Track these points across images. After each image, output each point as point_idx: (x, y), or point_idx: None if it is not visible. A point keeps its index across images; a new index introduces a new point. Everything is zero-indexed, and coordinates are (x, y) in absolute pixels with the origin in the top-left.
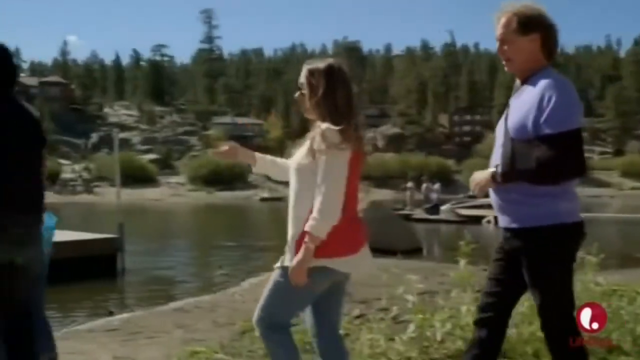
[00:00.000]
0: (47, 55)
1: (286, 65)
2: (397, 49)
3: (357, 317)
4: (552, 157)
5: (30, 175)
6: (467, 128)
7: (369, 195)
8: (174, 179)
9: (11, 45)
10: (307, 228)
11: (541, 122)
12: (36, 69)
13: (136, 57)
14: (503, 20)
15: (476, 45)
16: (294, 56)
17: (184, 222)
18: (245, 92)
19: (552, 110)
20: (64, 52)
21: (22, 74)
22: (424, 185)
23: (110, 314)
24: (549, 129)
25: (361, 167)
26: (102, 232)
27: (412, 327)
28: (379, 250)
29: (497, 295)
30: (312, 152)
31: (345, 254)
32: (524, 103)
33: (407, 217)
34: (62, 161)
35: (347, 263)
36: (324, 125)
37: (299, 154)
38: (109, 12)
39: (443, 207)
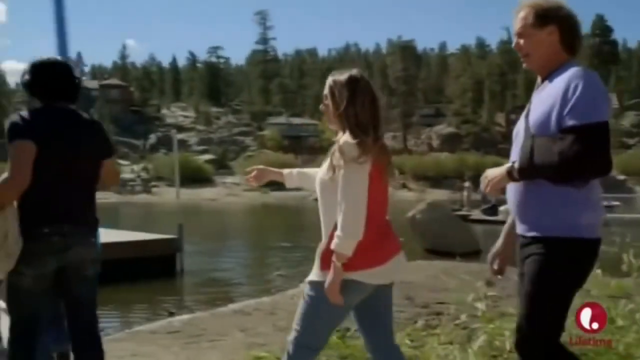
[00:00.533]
0: (107, 58)
1: (340, 65)
2: (452, 47)
3: (423, 322)
4: (577, 150)
5: (74, 186)
6: None
7: (424, 195)
8: (229, 179)
9: (74, 49)
10: (332, 246)
11: (565, 113)
12: (97, 72)
13: (192, 59)
14: (521, 14)
15: None
16: (348, 56)
17: (240, 222)
18: (299, 92)
19: (577, 100)
20: (123, 56)
21: (83, 77)
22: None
23: (171, 314)
24: (575, 120)
25: (386, 176)
26: (161, 232)
27: (482, 336)
28: (437, 252)
29: None
30: (332, 167)
31: (372, 266)
32: (547, 97)
33: (465, 218)
34: (122, 162)
35: (376, 274)
36: (342, 140)
37: (322, 168)
38: (166, 16)
39: (501, 208)
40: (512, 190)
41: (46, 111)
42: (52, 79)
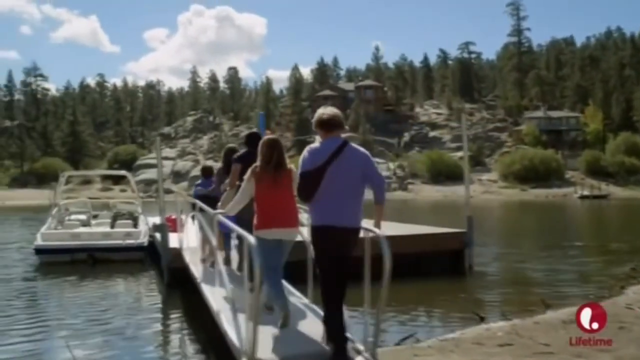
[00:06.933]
0: (360, 61)
1: (602, 53)
2: None
3: None
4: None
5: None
6: None
7: None
8: (485, 176)
9: (331, 55)
10: None
11: None
12: (352, 74)
13: (444, 56)
14: None
15: None
16: (611, 41)
17: (505, 218)
18: (557, 84)
19: None
20: (376, 57)
21: (340, 81)
22: None
23: (482, 320)
24: None
25: (266, 187)
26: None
27: None
28: None
29: None
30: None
31: (260, 229)
32: None
33: None
34: (377, 160)
35: (266, 234)
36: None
37: None
38: (416, 16)
39: None
40: None
41: (247, 152)
42: (251, 140)
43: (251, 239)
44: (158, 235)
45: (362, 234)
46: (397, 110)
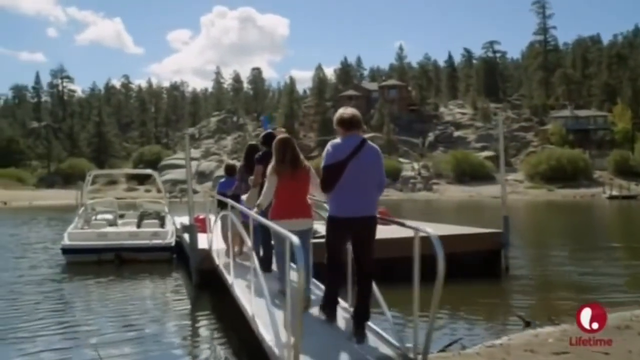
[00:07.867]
0: (384, 61)
1: (630, 51)
2: None
3: None
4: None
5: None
6: None
7: None
8: (511, 176)
9: (354, 54)
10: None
11: None
12: (375, 74)
13: (468, 55)
14: None
15: None
16: (639, 40)
17: (532, 219)
18: (584, 83)
19: None
20: (400, 57)
21: (363, 80)
22: None
23: (527, 325)
24: None
25: (285, 181)
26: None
27: None
28: None
29: None
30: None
31: (276, 219)
32: None
33: None
34: (402, 160)
35: (283, 224)
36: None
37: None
38: (440, 15)
39: None
40: None
41: (265, 153)
42: (267, 139)
43: (294, 238)
44: (186, 236)
45: (412, 234)
46: (421, 110)
